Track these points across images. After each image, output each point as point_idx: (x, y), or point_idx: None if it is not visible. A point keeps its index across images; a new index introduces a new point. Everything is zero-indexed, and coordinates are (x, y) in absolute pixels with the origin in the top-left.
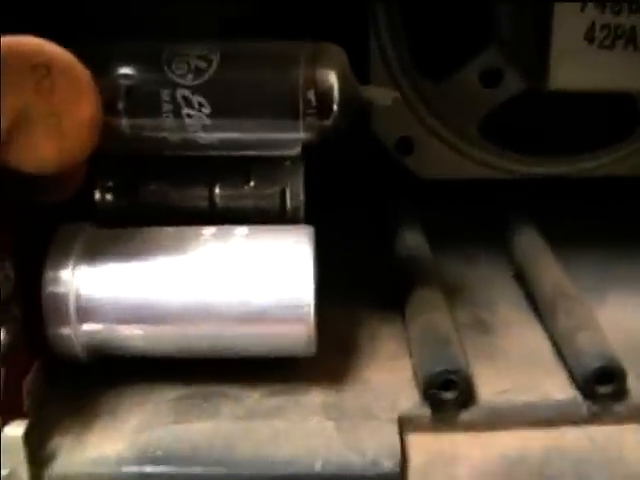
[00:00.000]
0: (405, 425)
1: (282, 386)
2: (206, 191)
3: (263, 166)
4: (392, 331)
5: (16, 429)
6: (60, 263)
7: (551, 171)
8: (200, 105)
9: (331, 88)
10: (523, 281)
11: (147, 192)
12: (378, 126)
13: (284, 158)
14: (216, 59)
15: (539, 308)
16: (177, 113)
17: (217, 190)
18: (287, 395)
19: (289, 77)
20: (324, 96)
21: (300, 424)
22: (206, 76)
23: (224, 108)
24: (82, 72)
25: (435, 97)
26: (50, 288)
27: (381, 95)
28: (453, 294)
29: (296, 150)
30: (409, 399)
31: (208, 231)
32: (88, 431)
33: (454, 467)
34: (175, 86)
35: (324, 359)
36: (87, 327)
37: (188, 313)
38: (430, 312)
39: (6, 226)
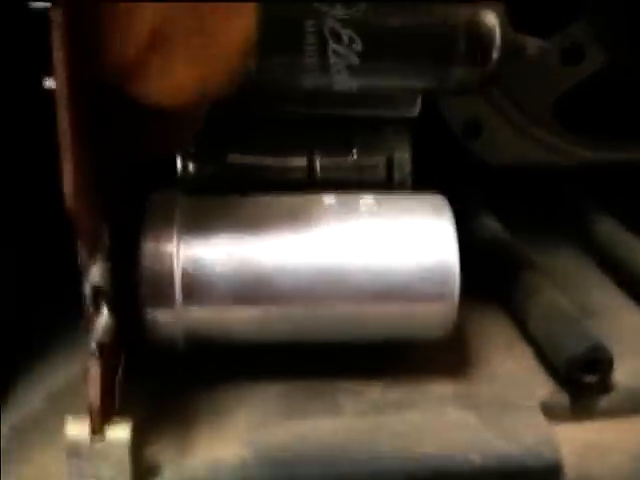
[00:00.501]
0: (546, 413)
1: (402, 377)
2: (305, 160)
3: (366, 133)
4: (497, 318)
5: (119, 432)
6: (161, 235)
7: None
8: (351, 41)
9: (493, 31)
10: (611, 268)
11: (236, 160)
12: (445, 107)
13: (389, 124)
14: None
15: (636, 293)
16: (322, 49)
17: (317, 160)
18: (411, 386)
19: (449, 17)
20: (485, 39)
21: (437, 416)
22: (359, 7)
23: (376, 46)
24: None
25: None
26: (150, 263)
27: (530, 43)
28: (547, 279)
29: (414, 112)
30: (544, 386)
31: (329, 199)
32: (194, 433)
33: (610, 456)
34: (322, 16)
35: (439, 348)
36: (194, 309)
37: (316, 290)
38: (547, 294)
39: (104, 187)
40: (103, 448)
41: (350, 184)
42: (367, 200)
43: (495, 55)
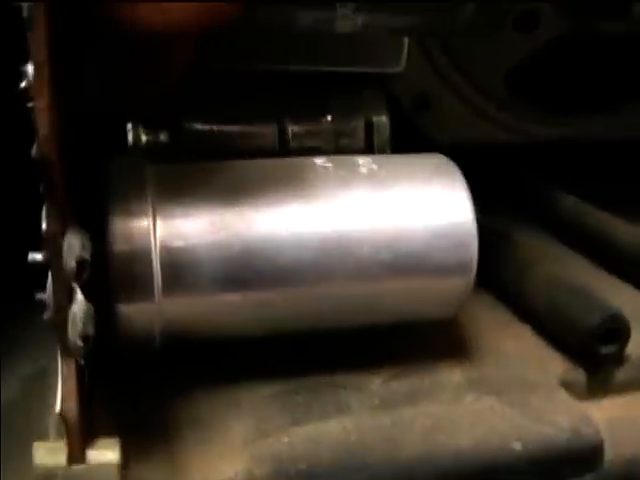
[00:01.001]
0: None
1: (402, 366)
2: (274, 127)
3: (341, 95)
4: (480, 296)
5: (107, 455)
6: (133, 208)
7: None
8: None
9: None
10: (581, 243)
11: (194, 127)
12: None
13: (365, 85)
14: None
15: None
16: None
17: (289, 126)
18: (415, 375)
19: None
20: None
21: (460, 405)
22: None
23: None
24: None
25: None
26: (121, 244)
27: None
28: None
29: (400, 66)
30: (555, 362)
31: (322, 161)
32: (186, 448)
33: None
34: None
35: (434, 333)
36: (176, 297)
37: (319, 267)
38: (541, 267)
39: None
40: (85, 474)
41: (326, 152)
42: (365, 161)
43: None
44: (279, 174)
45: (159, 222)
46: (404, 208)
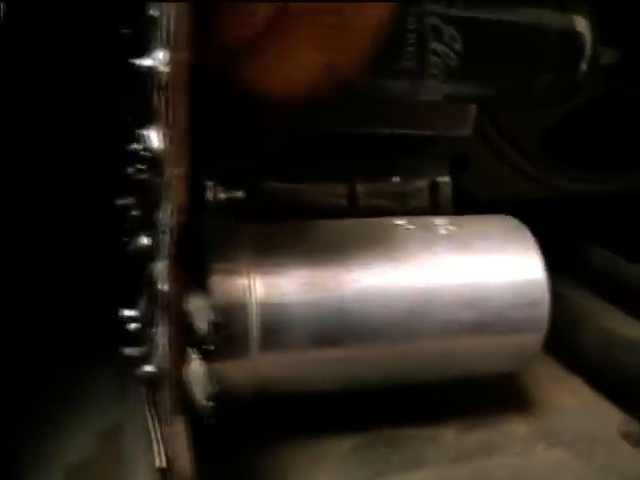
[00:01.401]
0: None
1: (470, 418)
2: (345, 187)
3: (407, 156)
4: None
5: None
6: (230, 269)
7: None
8: (452, 39)
9: (585, 39)
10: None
11: (270, 186)
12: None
13: (427, 145)
14: None
15: None
16: (422, 48)
17: (359, 186)
18: (483, 427)
19: (546, 20)
20: (578, 47)
21: (531, 457)
22: (460, 4)
23: (475, 46)
24: None
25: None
26: (219, 302)
27: (606, 53)
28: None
29: (468, 129)
30: (613, 414)
31: (402, 222)
32: None
33: None
34: (424, 13)
35: (492, 385)
36: (271, 354)
37: (407, 326)
38: (595, 319)
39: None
40: None
41: (393, 211)
42: (443, 222)
43: (584, 64)
44: (366, 234)
45: (256, 280)
46: (483, 269)
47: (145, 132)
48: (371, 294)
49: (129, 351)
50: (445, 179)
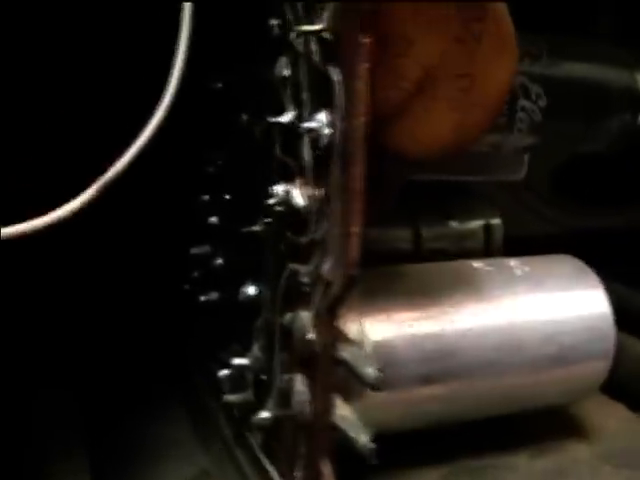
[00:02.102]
0: None
1: (536, 446)
2: (409, 231)
3: (461, 199)
4: None
5: None
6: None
7: None
8: (537, 96)
9: None
10: None
11: None
12: None
13: (480, 189)
14: (545, 49)
15: None
16: (512, 105)
17: (422, 229)
18: (552, 453)
19: (616, 77)
20: (637, 101)
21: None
22: (542, 63)
23: (558, 102)
24: (511, 24)
25: None
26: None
27: None
28: None
29: (522, 174)
30: None
31: (480, 264)
32: None
33: None
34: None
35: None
36: (384, 393)
37: (498, 362)
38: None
39: None
40: None
41: (451, 253)
42: (515, 263)
43: None
44: (454, 277)
45: (367, 325)
46: (557, 305)
47: (280, 189)
48: (465, 334)
49: (232, 398)
50: (497, 221)
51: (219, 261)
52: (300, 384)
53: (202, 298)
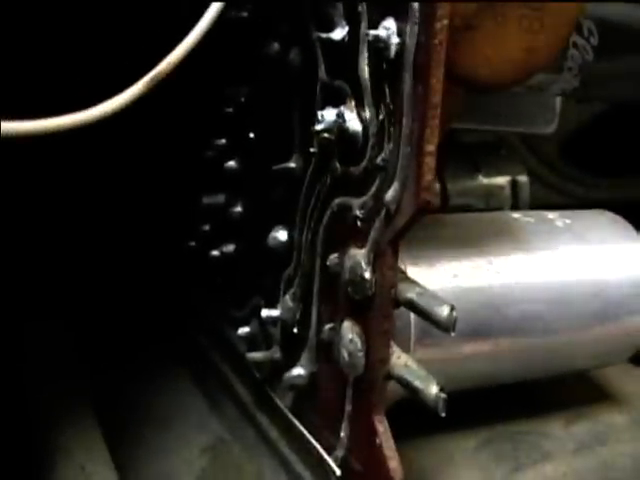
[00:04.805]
0: None
1: (569, 413)
2: (437, 186)
3: (488, 155)
4: None
5: None
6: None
7: None
8: (589, 33)
9: None
10: None
11: None
12: None
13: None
14: None
15: None
16: None
17: (449, 184)
18: (587, 420)
19: None
20: None
21: None
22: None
23: (610, 43)
24: None
25: None
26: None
27: None
28: None
29: (552, 127)
30: None
31: (520, 216)
32: None
33: None
34: None
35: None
36: (427, 347)
37: (544, 318)
38: None
39: None
40: None
41: (479, 210)
42: (555, 215)
43: None
44: (496, 227)
45: (411, 274)
46: (601, 259)
47: (329, 114)
48: (512, 287)
49: (256, 356)
50: (524, 178)
51: (237, 209)
52: (349, 332)
53: (214, 253)
